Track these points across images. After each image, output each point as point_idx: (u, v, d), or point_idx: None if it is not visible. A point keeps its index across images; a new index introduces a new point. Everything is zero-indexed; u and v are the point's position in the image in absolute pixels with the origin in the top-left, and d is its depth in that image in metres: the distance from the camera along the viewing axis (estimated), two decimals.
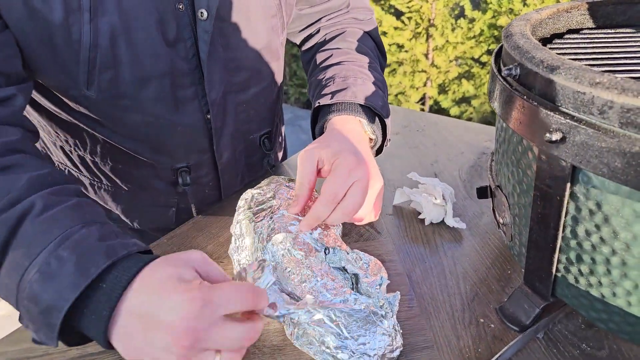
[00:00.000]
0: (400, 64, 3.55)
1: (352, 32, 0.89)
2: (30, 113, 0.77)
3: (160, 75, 0.69)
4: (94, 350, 0.56)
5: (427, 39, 3.43)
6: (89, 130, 0.74)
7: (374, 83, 0.77)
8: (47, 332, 0.45)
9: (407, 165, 0.92)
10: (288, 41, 0.96)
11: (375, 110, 0.73)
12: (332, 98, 0.73)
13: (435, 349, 0.54)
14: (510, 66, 0.50)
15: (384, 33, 3.44)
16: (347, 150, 0.63)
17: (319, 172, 0.64)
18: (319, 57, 0.86)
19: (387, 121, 0.75)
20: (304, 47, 0.95)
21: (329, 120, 0.72)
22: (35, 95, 0.72)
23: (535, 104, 0.45)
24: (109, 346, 0.45)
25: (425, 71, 3.50)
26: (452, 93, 3.51)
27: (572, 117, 0.42)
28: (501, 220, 0.61)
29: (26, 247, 0.46)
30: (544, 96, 0.45)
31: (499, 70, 0.54)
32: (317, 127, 0.76)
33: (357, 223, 0.68)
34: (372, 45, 0.90)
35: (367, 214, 0.66)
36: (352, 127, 0.70)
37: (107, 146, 0.76)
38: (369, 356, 0.48)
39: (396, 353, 0.51)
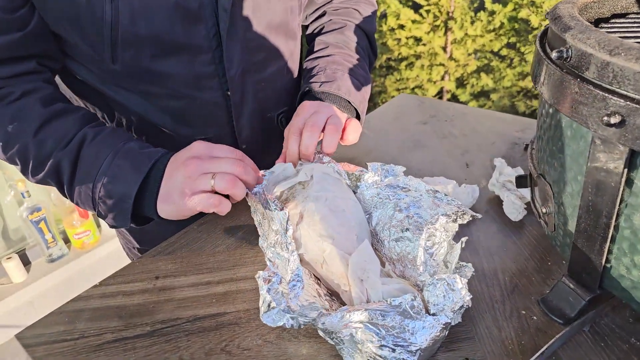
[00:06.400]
0: (417, 57, 3.52)
1: (351, 28, 0.94)
2: (61, 85, 0.80)
3: (180, 54, 0.71)
4: (128, 335, 0.56)
5: (445, 32, 3.40)
6: (117, 100, 0.76)
7: (358, 80, 0.86)
8: (122, 216, 0.66)
9: (436, 155, 0.90)
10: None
11: (352, 105, 0.84)
12: (320, 87, 0.83)
13: (477, 340, 0.53)
14: (562, 48, 0.48)
15: (402, 26, 3.41)
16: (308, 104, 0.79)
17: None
18: (317, 44, 0.93)
19: (362, 116, 0.86)
20: (310, 29, 1.00)
21: None
22: (72, 65, 0.74)
23: (591, 87, 0.43)
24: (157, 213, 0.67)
25: (443, 64, 3.46)
26: (470, 87, 3.48)
27: (632, 99, 0.40)
28: (543, 210, 0.59)
29: (91, 162, 0.66)
30: (600, 78, 0.43)
31: (547, 54, 0.52)
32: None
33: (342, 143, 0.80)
34: (366, 44, 0.96)
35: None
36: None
37: (133, 118, 0.78)
38: (411, 353, 0.46)
39: (437, 345, 0.49)
